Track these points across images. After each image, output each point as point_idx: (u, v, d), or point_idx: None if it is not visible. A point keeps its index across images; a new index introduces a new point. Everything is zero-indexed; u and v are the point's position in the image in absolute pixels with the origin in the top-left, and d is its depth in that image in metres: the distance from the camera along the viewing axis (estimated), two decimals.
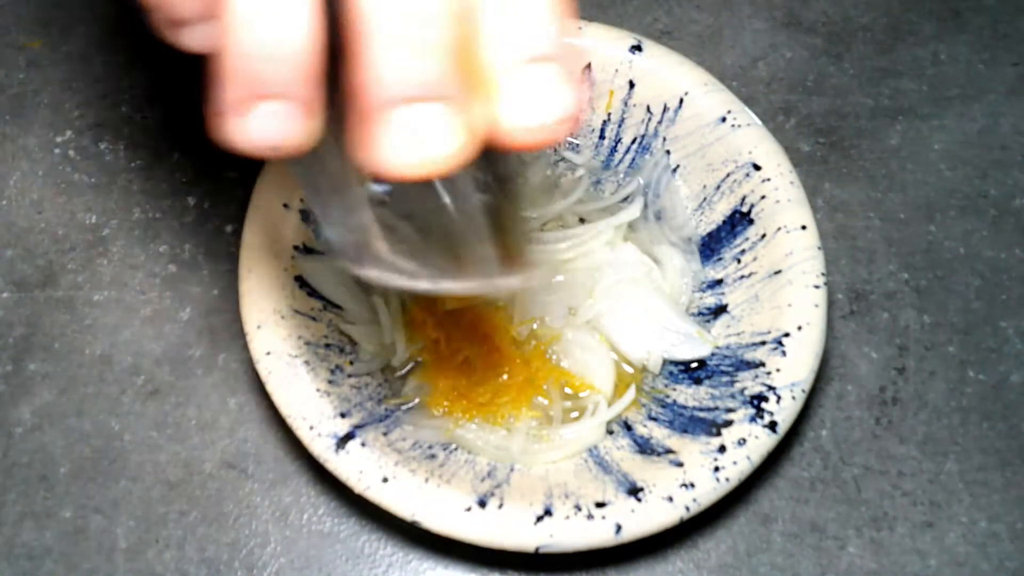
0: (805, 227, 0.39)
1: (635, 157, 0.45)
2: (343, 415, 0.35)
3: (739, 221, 0.42)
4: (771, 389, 0.36)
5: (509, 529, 0.33)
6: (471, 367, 0.40)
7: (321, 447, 0.34)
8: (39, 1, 0.53)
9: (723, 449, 0.34)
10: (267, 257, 0.38)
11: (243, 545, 0.38)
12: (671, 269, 0.43)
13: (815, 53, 0.53)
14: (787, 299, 0.38)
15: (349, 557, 0.38)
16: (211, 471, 0.39)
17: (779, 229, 0.40)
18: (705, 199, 0.43)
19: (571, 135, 0.18)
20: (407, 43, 0.16)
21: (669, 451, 0.36)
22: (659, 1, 0.55)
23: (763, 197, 0.40)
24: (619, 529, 0.33)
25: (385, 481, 0.33)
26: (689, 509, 0.33)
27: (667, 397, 0.39)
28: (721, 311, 0.41)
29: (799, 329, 0.37)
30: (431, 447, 0.37)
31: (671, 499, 0.33)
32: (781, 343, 0.37)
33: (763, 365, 0.37)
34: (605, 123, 0.45)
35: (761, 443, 0.34)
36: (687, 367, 0.40)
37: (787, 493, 0.40)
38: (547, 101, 0.18)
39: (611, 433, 0.39)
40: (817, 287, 0.38)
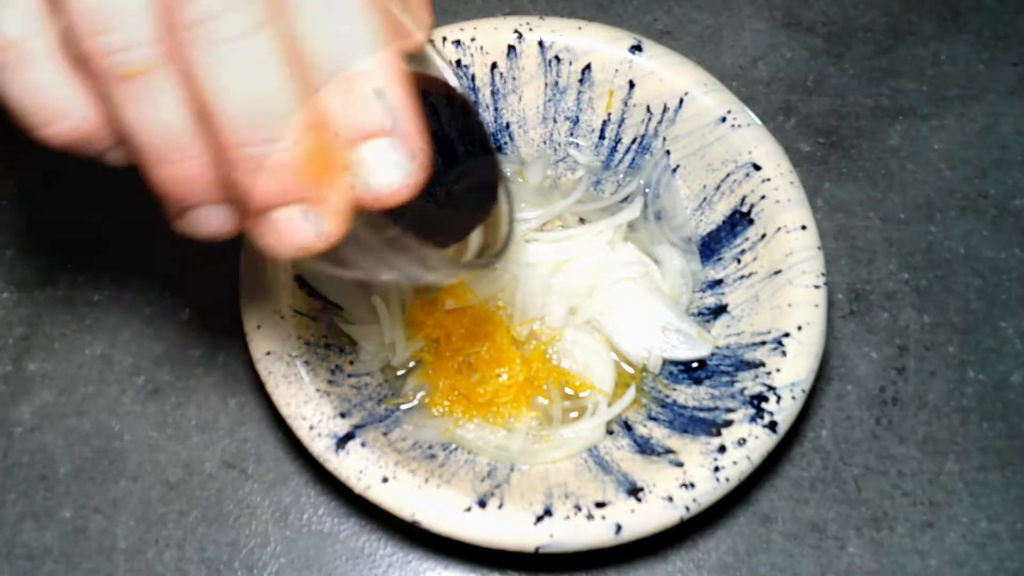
0: (805, 227, 0.39)
1: (635, 157, 0.45)
2: (343, 415, 0.35)
3: (739, 221, 0.42)
4: (771, 389, 0.36)
5: (509, 529, 0.33)
6: (471, 367, 0.40)
7: (321, 447, 0.34)
8: None
9: (723, 449, 0.34)
10: (267, 257, 0.38)
11: (243, 545, 0.38)
12: (671, 269, 0.43)
13: (815, 53, 0.53)
14: (787, 299, 0.38)
15: (349, 557, 0.38)
16: (211, 471, 0.39)
17: (779, 229, 0.40)
18: (705, 199, 0.43)
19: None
20: (267, 166, 0.21)
21: (669, 451, 0.36)
22: (659, 1, 0.55)
23: (763, 197, 0.40)
24: (619, 529, 0.33)
25: (385, 481, 0.33)
26: (689, 509, 0.33)
27: (667, 397, 0.39)
28: (721, 311, 0.41)
29: (799, 329, 0.37)
30: (431, 447, 0.37)
31: (671, 499, 0.33)
32: (781, 343, 0.37)
33: (763, 365, 0.37)
34: (605, 123, 0.45)
35: (761, 443, 0.34)
36: (687, 367, 0.40)
37: (787, 493, 0.40)
38: (387, 172, 0.22)
39: (611, 433, 0.39)
40: (817, 287, 0.38)
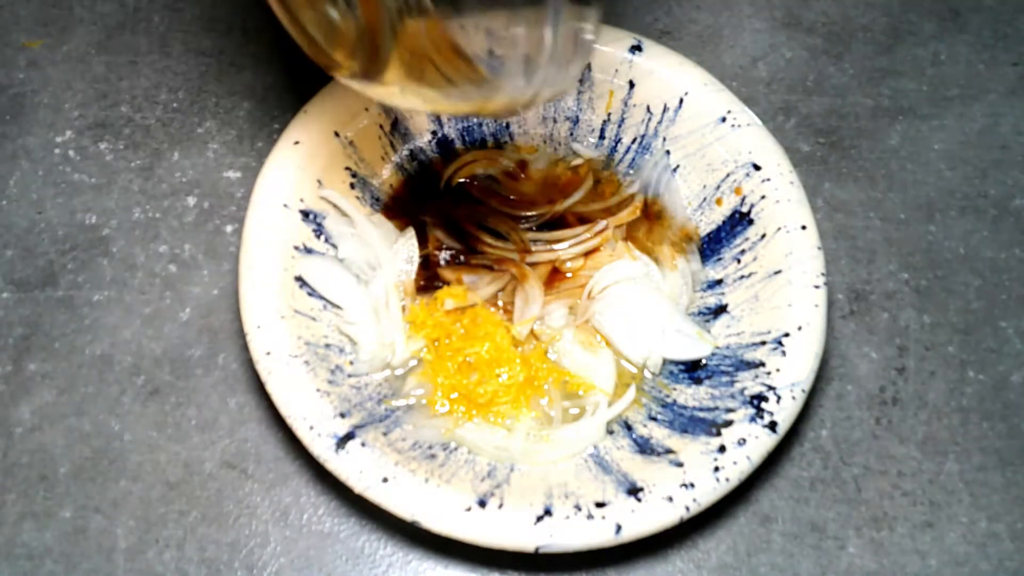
0: (805, 227, 0.39)
1: (635, 157, 0.45)
2: (343, 415, 0.35)
3: (739, 221, 0.42)
4: (771, 389, 0.36)
5: (509, 529, 0.33)
6: (471, 367, 0.40)
7: (321, 447, 0.34)
8: (39, 1, 0.53)
9: (723, 449, 0.34)
10: (267, 257, 0.38)
11: (243, 545, 0.38)
12: (671, 269, 0.43)
13: (815, 53, 0.53)
14: (787, 299, 0.38)
15: (349, 557, 0.38)
16: (211, 471, 0.39)
17: (779, 229, 0.40)
18: (705, 199, 0.43)
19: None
20: None
21: (669, 451, 0.36)
22: (659, 1, 0.55)
23: (763, 197, 0.41)
24: (619, 529, 0.33)
25: (385, 481, 0.33)
26: (689, 509, 0.33)
27: (667, 397, 0.39)
28: (721, 311, 0.41)
29: (799, 329, 0.37)
30: (431, 447, 0.37)
31: (671, 499, 0.33)
32: (781, 343, 0.37)
33: (763, 365, 0.37)
34: (605, 123, 0.45)
35: (761, 443, 0.34)
36: (687, 367, 0.40)
37: (787, 493, 0.40)
38: None
39: (611, 433, 0.39)
40: (817, 287, 0.38)
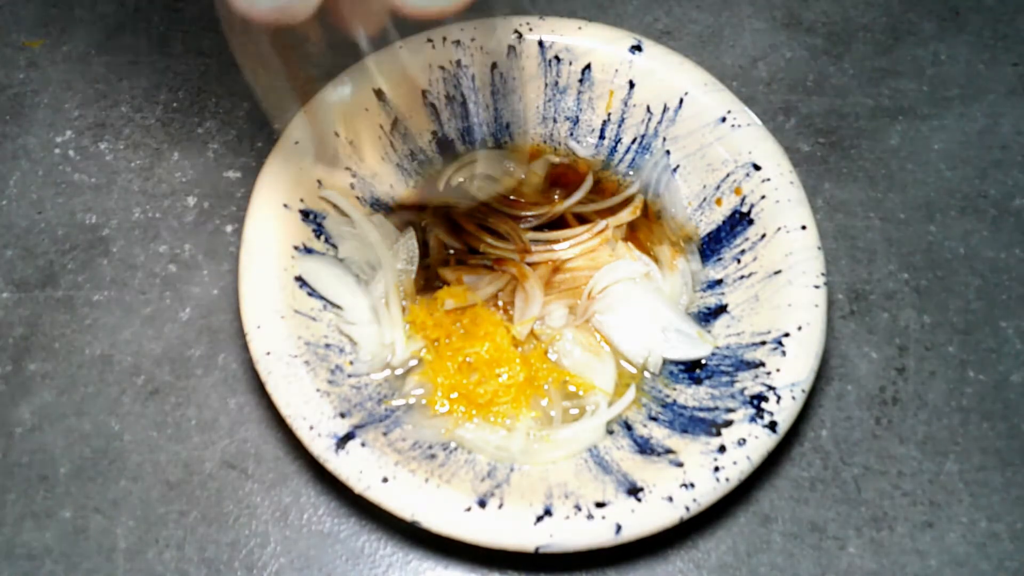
0: (805, 227, 0.39)
1: (635, 157, 0.45)
2: (343, 415, 0.35)
3: (739, 221, 0.42)
4: (771, 389, 0.36)
5: (509, 529, 0.33)
6: (471, 367, 0.40)
7: (321, 447, 0.34)
8: (39, 1, 0.53)
9: (723, 449, 0.34)
10: (267, 257, 0.38)
11: (243, 545, 0.38)
12: (671, 269, 0.43)
13: (815, 53, 0.53)
14: (787, 299, 0.38)
15: (349, 557, 0.38)
16: (211, 471, 0.39)
17: (779, 229, 0.40)
18: (705, 199, 0.43)
19: None
20: None
21: (669, 451, 0.36)
22: (659, 1, 0.55)
23: (763, 197, 0.40)
24: (619, 529, 0.33)
25: (385, 481, 0.33)
26: (689, 509, 0.33)
27: (667, 397, 0.39)
28: (721, 311, 0.41)
29: (799, 329, 0.37)
30: (431, 447, 0.37)
31: (671, 499, 0.33)
32: (781, 343, 0.37)
33: (763, 365, 0.37)
34: (605, 123, 0.45)
35: (761, 443, 0.34)
36: (687, 367, 0.40)
37: (787, 493, 0.40)
38: None
39: (611, 433, 0.39)
40: (817, 287, 0.38)
